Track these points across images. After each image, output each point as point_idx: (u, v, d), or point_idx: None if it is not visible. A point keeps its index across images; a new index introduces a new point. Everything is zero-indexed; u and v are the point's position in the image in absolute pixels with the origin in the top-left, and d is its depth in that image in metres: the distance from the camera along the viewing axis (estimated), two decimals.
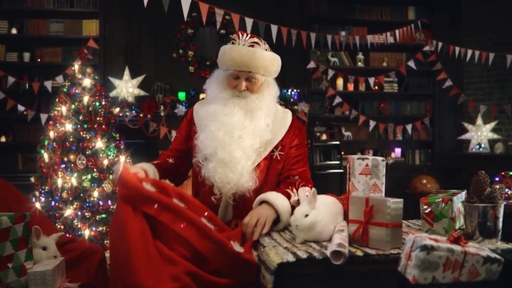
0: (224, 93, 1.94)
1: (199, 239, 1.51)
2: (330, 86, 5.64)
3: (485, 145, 5.69)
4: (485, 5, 5.83)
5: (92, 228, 3.20)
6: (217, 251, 1.50)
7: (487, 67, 5.55)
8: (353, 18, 5.83)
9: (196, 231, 1.52)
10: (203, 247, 1.50)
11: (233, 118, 1.88)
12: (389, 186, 5.80)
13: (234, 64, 1.91)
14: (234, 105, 1.91)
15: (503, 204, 1.42)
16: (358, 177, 1.62)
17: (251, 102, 1.92)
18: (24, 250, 1.46)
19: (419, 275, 1.14)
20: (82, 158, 3.35)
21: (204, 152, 1.87)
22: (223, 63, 1.96)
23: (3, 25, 5.07)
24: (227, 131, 1.86)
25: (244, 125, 1.89)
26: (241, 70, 1.91)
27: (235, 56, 1.90)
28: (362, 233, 1.42)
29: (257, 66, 1.92)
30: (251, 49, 1.92)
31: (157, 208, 1.54)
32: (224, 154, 1.84)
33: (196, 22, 5.17)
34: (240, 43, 1.94)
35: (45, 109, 4.96)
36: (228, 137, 1.86)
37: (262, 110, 1.95)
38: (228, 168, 1.84)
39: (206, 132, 1.90)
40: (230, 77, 1.95)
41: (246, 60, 1.89)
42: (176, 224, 1.52)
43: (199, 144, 1.89)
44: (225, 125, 1.87)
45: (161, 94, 5.16)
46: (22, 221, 1.46)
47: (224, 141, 1.85)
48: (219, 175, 1.83)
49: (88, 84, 3.52)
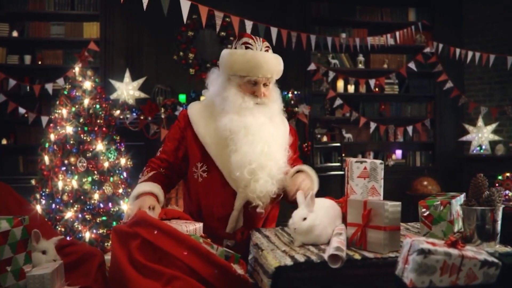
0: (241, 100, 1.88)
1: (203, 265, 1.47)
2: (330, 88, 5.64)
3: (486, 147, 5.69)
4: (486, 7, 5.83)
5: (93, 231, 3.21)
6: (221, 275, 1.48)
7: (488, 69, 5.54)
8: (354, 19, 5.84)
9: (199, 257, 1.48)
10: (207, 272, 1.46)
11: (266, 128, 1.87)
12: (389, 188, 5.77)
13: (259, 70, 1.86)
14: (260, 114, 1.88)
15: (501, 207, 1.42)
16: (356, 180, 1.62)
17: (271, 108, 1.93)
18: (23, 253, 1.46)
19: (416, 279, 1.14)
20: (83, 161, 3.35)
21: (251, 166, 1.82)
22: (242, 69, 1.87)
23: (4, 27, 5.09)
24: (266, 143, 1.85)
25: (274, 134, 1.90)
26: (264, 76, 1.88)
27: (261, 62, 1.86)
28: (360, 236, 1.42)
29: (278, 72, 1.93)
30: (275, 56, 1.92)
31: (157, 234, 1.52)
32: (271, 165, 1.84)
33: (197, 25, 5.18)
34: (257, 48, 1.90)
35: (46, 112, 4.98)
36: (267, 147, 1.85)
37: (278, 115, 1.97)
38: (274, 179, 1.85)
39: (246, 146, 1.83)
40: (248, 83, 1.89)
41: (271, 67, 1.89)
42: (178, 251, 1.50)
43: (240, 159, 1.83)
44: (262, 136, 1.85)
45: (161, 96, 5.16)
46: (21, 224, 1.46)
47: (267, 152, 1.84)
48: (269, 187, 1.83)
49: (89, 87, 3.53)
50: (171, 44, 5.29)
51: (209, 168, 1.91)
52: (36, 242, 1.58)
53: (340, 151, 5.64)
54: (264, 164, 1.83)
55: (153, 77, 5.28)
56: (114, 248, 1.49)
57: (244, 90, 1.89)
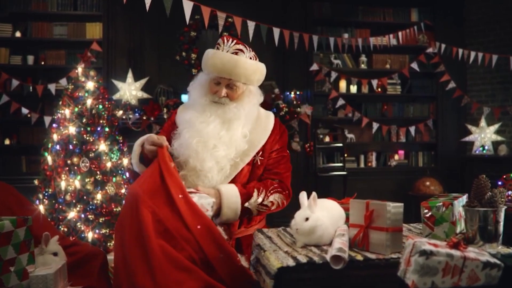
0: (203, 98, 1.94)
1: (211, 245, 1.49)
2: (333, 88, 5.64)
3: (489, 147, 5.68)
4: (488, 7, 5.82)
5: (96, 231, 3.21)
6: (225, 261, 1.48)
7: (490, 69, 5.53)
8: (356, 20, 5.83)
9: (210, 237, 1.50)
10: (212, 254, 1.48)
11: (208, 127, 1.88)
12: (392, 188, 5.77)
13: (215, 70, 1.91)
14: (211, 113, 1.91)
15: (503, 208, 1.42)
16: None
17: (229, 111, 1.92)
18: (26, 254, 1.47)
19: (419, 280, 1.14)
20: (86, 161, 3.36)
21: (177, 159, 1.86)
22: (205, 67, 1.96)
23: (7, 28, 5.10)
24: (201, 140, 1.86)
25: (220, 135, 1.89)
26: (222, 77, 1.91)
27: (217, 62, 1.90)
28: (362, 237, 1.42)
29: (239, 75, 1.91)
30: (234, 56, 1.92)
31: (181, 199, 1.53)
32: (195, 163, 1.84)
33: (199, 25, 5.18)
34: (224, 48, 1.94)
35: (48, 112, 4.99)
36: (201, 146, 1.85)
37: (240, 120, 1.94)
38: (198, 178, 1.85)
39: (180, 139, 1.90)
40: (212, 82, 1.95)
41: (227, 68, 1.89)
42: (193, 224, 1.51)
43: (173, 151, 1.88)
44: (200, 134, 1.87)
45: (164, 96, 5.17)
46: (24, 225, 1.47)
47: (197, 150, 1.84)
48: (188, 184, 1.82)
49: (92, 87, 3.53)
50: (173, 44, 5.29)
51: None
52: (46, 245, 1.59)
53: (342, 151, 5.63)
54: (186, 160, 1.86)
55: (155, 78, 5.29)
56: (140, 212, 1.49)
57: (208, 88, 1.96)
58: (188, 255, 1.47)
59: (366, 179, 5.73)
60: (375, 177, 5.77)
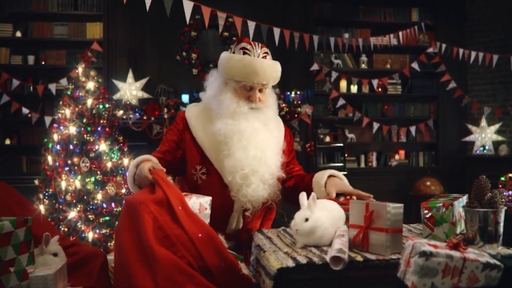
0: (236, 105, 1.90)
1: (211, 254, 1.47)
2: (333, 88, 5.64)
3: (490, 147, 5.67)
4: (489, 7, 5.81)
5: (96, 231, 3.22)
6: (226, 270, 1.47)
7: (491, 69, 5.53)
8: (357, 20, 5.83)
9: (211, 245, 1.49)
10: (213, 263, 1.46)
11: (260, 134, 1.89)
12: (392, 189, 5.76)
13: (256, 77, 1.88)
14: (254, 119, 1.90)
15: (504, 209, 1.42)
16: None
17: (266, 113, 1.94)
18: (26, 254, 1.47)
19: (418, 281, 1.13)
20: (86, 161, 3.36)
21: (243, 172, 1.83)
22: (239, 75, 1.89)
23: (8, 28, 5.10)
24: (258, 146, 1.87)
25: (268, 140, 1.91)
26: (259, 82, 1.90)
27: (257, 69, 1.88)
28: (362, 238, 1.42)
29: (274, 78, 1.95)
30: (272, 62, 1.94)
31: (181, 210, 1.54)
32: (264, 170, 1.86)
33: (200, 25, 5.18)
34: (255, 54, 1.92)
35: (49, 112, 4.99)
36: (260, 152, 1.87)
37: (273, 120, 1.98)
38: (266, 183, 1.87)
39: (240, 151, 1.85)
40: (243, 88, 1.92)
41: (267, 73, 1.90)
42: (194, 232, 1.50)
43: (233, 164, 1.84)
44: (255, 141, 1.87)
45: (164, 96, 5.17)
46: (24, 225, 1.47)
47: (260, 157, 1.85)
48: (260, 192, 1.85)
49: (92, 87, 3.54)
50: (174, 44, 5.29)
51: (208, 170, 1.92)
52: (46, 245, 1.59)
53: (343, 151, 5.63)
54: (256, 169, 1.85)
55: (156, 77, 5.29)
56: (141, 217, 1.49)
57: (240, 94, 1.92)
58: (188, 263, 1.46)
59: (367, 179, 5.72)
60: (375, 177, 5.77)
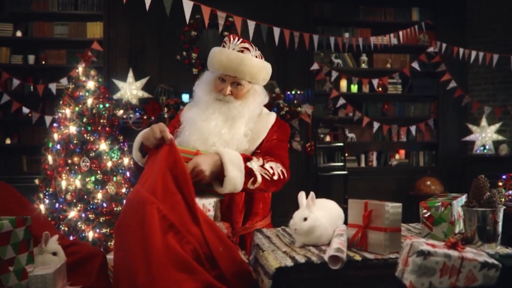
0: (207, 96, 1.95)
1: (213, 238, 1.50)
2: (333, 87, 5.64)
3: (490, 147, 5.67)
4: (489, 7, 5.81)
5: (96, 230, 3.22)
6: (225, 253, 1.49)
7: (491, 69, 5.53)
8: (357, 19, 5.82)
9: (212, 230, 1.53)
10: (214, 246, 1.49)
11: (209, 125, 1.87)
12: (392, 188, 5.76)
13: (221, 67, 1.92)
14: (215, 110, 1.91)
15: (502, 209, 1.42)
16: None
17: (233, 108, 1.92)
18: (25, 253, 1.47)
19: (416, 281, 1.14)
20: (86, 160, 3.36)
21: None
22: (211, 65, 1.97)
23: (8, 28, 5.11)
24: (201, 137, 1.86)
25: (221, 133, 1.88)
26: (227, 74, 1.92)
27: (223, 59, 1.91)
28: (361, 237, 1.42)
29: (244, 72, 1.92)
30: (239, 54, 1.92)
31: (182, 200, 1.54)
32: None
33: (200, 24, 5.18)
34: (230, 46, 1.94)
35: (49, 111, 5.00)
36: (200, 144, 1.85)
37: (244, 118, 1.93)
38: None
39: (180, 137, 1.91)
40: (217, 80, 1.96)
41: (233, 65, 1.90)
42: (198, 219, 1.52)
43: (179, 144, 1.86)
44: (200, 131, 1.87)
45: (164, 96, 5.18)
46: (23, 224, 1.47)
47: (195, 147, 1.82)
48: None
49: (92, 87, 3.54)
50: (174, 44, 5.30)
51: None
52: (45, 244, 1.59)
53: (343, 151, 5.63)
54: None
55: (156, 77, 5.29)
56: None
57: (213, 86, 1.96)
58: (193, 248, 1.46)
59: (367, 178, 5.74)
60: (375, 177, 5.77)
